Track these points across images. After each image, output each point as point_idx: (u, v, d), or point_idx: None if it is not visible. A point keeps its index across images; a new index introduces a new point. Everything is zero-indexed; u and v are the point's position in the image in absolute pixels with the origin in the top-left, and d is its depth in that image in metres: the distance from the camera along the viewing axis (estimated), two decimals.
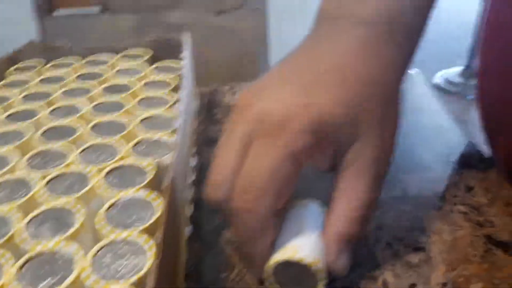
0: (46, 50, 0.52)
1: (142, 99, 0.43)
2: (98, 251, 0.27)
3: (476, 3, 2.05)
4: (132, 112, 0.42)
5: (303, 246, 0.28)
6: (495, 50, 0.46)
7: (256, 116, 0.28)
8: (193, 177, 0.41)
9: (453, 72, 2.29)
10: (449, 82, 2.24)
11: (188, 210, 0.37)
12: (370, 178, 0.28)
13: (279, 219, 0.30)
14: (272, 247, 0.29)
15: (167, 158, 0.34)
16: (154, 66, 0.50)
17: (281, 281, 0.29)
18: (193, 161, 0.43)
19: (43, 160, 0.35)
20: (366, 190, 0.28)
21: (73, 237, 0.28)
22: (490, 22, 0.46)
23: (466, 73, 2.23)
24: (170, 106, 0.41)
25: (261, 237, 0.28)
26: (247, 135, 0.28)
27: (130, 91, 0.44)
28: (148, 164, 0.34)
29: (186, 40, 0.49)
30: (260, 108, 0.28)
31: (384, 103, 0.29)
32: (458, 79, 2.23)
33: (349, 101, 0.28)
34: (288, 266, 0.28)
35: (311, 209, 0.31)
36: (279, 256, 0.28)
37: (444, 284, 0.30)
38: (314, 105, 0.27)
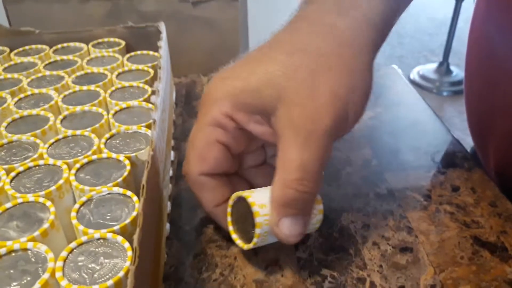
0: (12, 35, 0.48)
1: (116, 89, 0.41)
2: (70, 252, 0.25)
3: (452, 1, 2.08)
4: (106, 103, 0.39)
5: (260, 195, 0.29)
6: (478, 60, 0.46)
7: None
8: (171, 173, 0.39)
9: (428, 68, 2.32)
10: (424, 78, 2.27)
11: (167, 208, 0.35)
12: (297, 139, 0.28)
13: (233, 180, 0.33)
14: (216, 203, 0.32)
15: (144, 153, 0.32)
16: (128, 55, 0.47)
17: (235, 219, 0.31)
18: (171, 156, 0.41)
19: (8, 153, 0.33)
20: (294, 151, 0.28)
21: (43, 237, 0.26)
22: (473, 32, 0.46)
23: (441, 69, 2.26)
24: (147, 98, 0.39)
25: (199, 195, 0.32)
26: None
27: (104, 81, 0.42)
28: (123, 158, 0.32)
29: (162, 30, 0.47)
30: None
31: (317, 68, 0.29)
32: (433, 76, 2.26)
33: (267, 70, 0.29)
34: (246, 210, 0.30)
35: None
36: (241, 193, 0.30)
37: (433, 287, 0.29)
38: (231, 78, 0.31)
